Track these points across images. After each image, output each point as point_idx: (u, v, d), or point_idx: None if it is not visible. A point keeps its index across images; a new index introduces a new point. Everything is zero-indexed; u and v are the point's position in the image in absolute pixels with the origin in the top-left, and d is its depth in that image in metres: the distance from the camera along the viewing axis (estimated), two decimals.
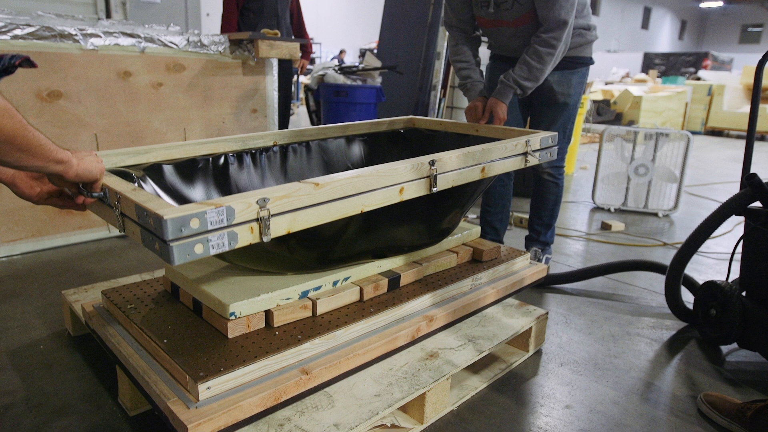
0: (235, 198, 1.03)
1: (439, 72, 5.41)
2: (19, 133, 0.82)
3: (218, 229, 0.99)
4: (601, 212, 3.90)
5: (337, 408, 1.26)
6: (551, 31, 1.98)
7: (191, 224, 0.95)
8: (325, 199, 1.16)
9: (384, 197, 1.28)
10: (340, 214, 1.20)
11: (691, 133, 3.79)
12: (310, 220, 1.15)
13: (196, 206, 0.97)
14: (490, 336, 1.64)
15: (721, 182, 5.24)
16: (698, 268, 2.80)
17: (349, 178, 1.20)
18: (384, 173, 1.27)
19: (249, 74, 3.17)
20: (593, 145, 7.14)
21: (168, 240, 0.93)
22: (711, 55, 17.67)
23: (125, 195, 1.04)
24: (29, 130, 0.85)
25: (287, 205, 1.09)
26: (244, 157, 1.76)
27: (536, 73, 2.04)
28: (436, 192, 1.40)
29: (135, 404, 1.42)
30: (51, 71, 2.48)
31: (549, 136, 1.81)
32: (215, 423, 1.07)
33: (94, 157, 1.05)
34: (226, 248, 1.01)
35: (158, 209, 0.95)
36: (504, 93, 2.10)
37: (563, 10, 1.95)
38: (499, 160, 1.61)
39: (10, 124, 0.80)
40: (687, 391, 1.68)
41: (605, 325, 2.10)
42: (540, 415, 1.52)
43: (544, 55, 2.00)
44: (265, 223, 1.06)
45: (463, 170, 1.48)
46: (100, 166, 1.05)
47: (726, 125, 9.59)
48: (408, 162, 1.34)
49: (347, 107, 5.15)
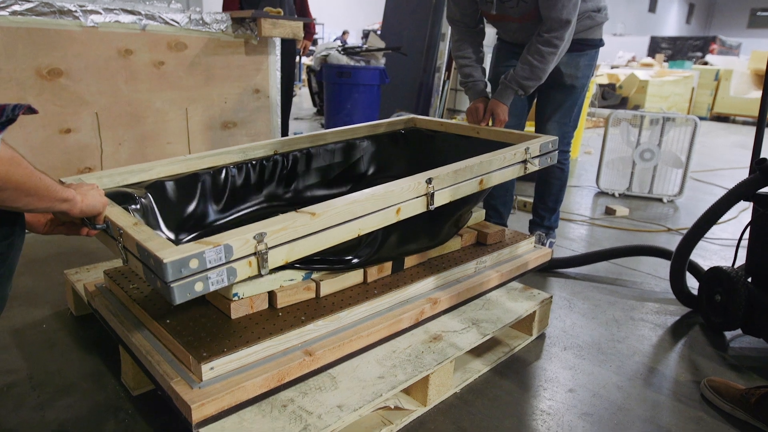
0: (233, 235, 1.04)
1: (444, 53, 5.35)
2: (27, 179, 0.85)
3: (217, 267, 1.01)
4: (606, 197, 3.88)
5: (341, 389, 1.26)
6: (553, 31, 1.95)
7: (190, 264, 0.96)
8: (322, 227, 1.17)
9: (381, 219, 1.29)
10: (336, 241, 1.21)
11: (698, 118, 3.75)
12: (308, 249, 1.16)
13: (194, 246, 0.99)
14: (494, 319, 1.63)
15: (727, 168, 5.20)
16: (703, 254, 2.78)
17: (346, 204, 1.20)
18: (380, 196, 1.27)
19: (251, 54, 3.13)
20: (598, 130, 7.09)
21: (168, 282, 0.95)
22: (719, 39, 17.43)
23: (126, 231, 1.06)
24: (36, 174, 0.88)
25: (284, 236, 1.10)
26: (245, 168, 1.77)
27: (538, 73, 2.02)
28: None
29: (138, 384, 1.42)
30: (51, 49, 2.44)
31: (549, 141, 1.80)
32: (219, 403, 1.07)
33: (96, 191, 1.10)
34: (225, 284, 1.03)
35: (158, 251, 0.96)
36: (505, 94, 2.09)
37: (566, 9, 1.91)
38: (498, 170, 1.60)
39: (18, 172, 0.83)
40: (690, 377, 1.67)
41: (609, 309, 2.09)
42: (543, 398, 1.52)
43: (546, 54, 1.98)
44: (262, 257, 1.07)
45: (460, 185, 1.48)
46: (102, 200, 1.10)
47: (732, 111, 9.50)
48: (405, 182, 1.33)
49: (350, 89, 5.10)
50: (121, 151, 2.77)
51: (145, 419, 1.34)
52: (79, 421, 1.32)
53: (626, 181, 3.93)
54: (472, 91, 2.21)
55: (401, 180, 1.34)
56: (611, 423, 1.43)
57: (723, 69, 9.63)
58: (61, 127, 2.55)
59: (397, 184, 1.32)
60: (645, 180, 3.91)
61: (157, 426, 1.31)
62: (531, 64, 2.00)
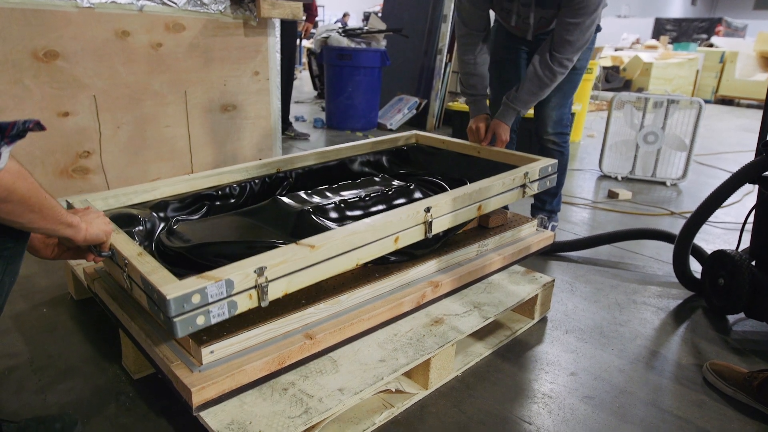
0: (234, 269, 1.05)
1: (446, 35, 5.28)
2: (32, 194, 0.87)
3: (218, 301, 1.03)
4: (608, 180, 3.85)
5: (342, 373, 1.25)
6: (567, 53, 1.94)
7: (193, 300, 0.99)
8: (321, 259, 1.18)
9: (379, 249, 1.31)
10: (335, 271, 1.22)
11: (703, 101, 3.70)
12: (307, 280, 1.17)
13: (197, 281, 1.00)
14: (496, 303, 1.62)
15: (731, 151, 5.16)
16: (706, 238, 2.76)
17: (345, 236, 1.21)
18: (379, 226, 1.28)
19: (251, 35, 3.08)
20: (601, 113, 7.02)
21: (171, 317, 0.97)
22: (725, 21, 17.19)
23: (131, 262, 1.08)
24: (42, 192, 0.89)
25: (284, 269, 1.11)
26: (248, 186, 1.78)
27: (545, 91, 2.03)
28: None
29: (139, 368, 1.42)
30: (46, 30, 2.40)
31: (549, 165, 1.82)
32: (219, 387, 1.07)
33: (101, 219, 1.11)
34: (226, 317, 1.05)
35: (162, 286, 0.98)
36: (507, 115, 2.08)
37: (583, 37, 1.91)
38: (497, 196, 1.62)
39: (24, 186, 0.84)
40: (693, 360, 1.67)
41: (611, 293, 2.08)
42: (545, 381, 1.51)
43: (558, 74, 1.98)
44: (262, 290, 1.08)
45: (459, 212, 1.49)
46: (107, 228, 1.11)
47: (737, 94, 9.39)
48: (403, 212, 1.35)
49: (351, 71, 5.05)
50: (120, 134, 2.74)
51: (146, 402, 1.34)
52: (81, 404, 1.32)
53: (629, 164, 3.90)
54: (474, 107, 2.18)
55: (400, 209, 1.37)
56: (613, 406, 1.43)
57: (728, 51, 9.51)
58: (59, 110, 2.53)
59: (396, 213, 1.34)
60: (648, 163, 3.88)
61: (157, 409, 1.31)
62: (541, 82, 1.99)
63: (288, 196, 1.70)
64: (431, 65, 5.44)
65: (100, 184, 2.73)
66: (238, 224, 1.61)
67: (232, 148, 3.21)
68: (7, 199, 0.83)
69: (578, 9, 1.84)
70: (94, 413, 1.29)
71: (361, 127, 5.29)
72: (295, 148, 4.36)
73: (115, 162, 2.76)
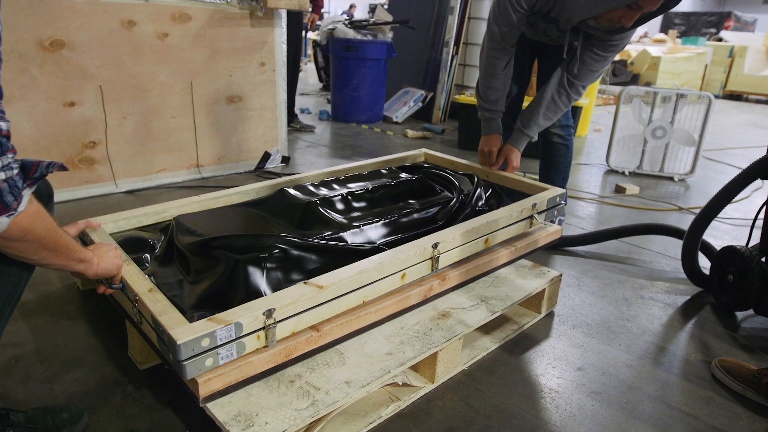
0: (243, 311, 1.07)
1: (452, 28, 5.23)
2: (48, 234, 0.91)
3: (227, 343, 1.04)
4: (615, 175, 3.83)
5: (349, 366, 1.25)
6: (586, 81, 1.96)
7: (202, 343, 1.00)
8: (329, 299, 1.19)
9: (386, 286, 1.31)
10: (342, 310, 1.24)
11: (713, 96, 3.66)
12: (314, 319, 1.19)
13: (206, 325, 1.02)
14: (503, 297, 1.61)
15: (739, 147, 5.11)
16: (714, 234, 2.74)
17: (353, 275, 1.23)
18: (387, 264, 1.29)
19: (257, 26, 3.06)
20: (608, 107, 6.97)
21: (181, 360, 0.98)
22: (734, 15, 17.01)
23: (142, 299, 1.11)
24: (58, 231, 0.93)
25: (292, 310, 1.13)
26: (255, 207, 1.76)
27: (558, 115, 2.05)
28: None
29: (145, 358, 1.42)
30: (53, 19, 2.39)
31: (557, 195, 1.82)
32: (226, 378, 1.06)
33: (113, 253, 1.15)
34: (234, 357, 1.06)
35: (172, 329, 0.99)
36: (521, 141, 2.08)
37: (604, 69, 1.95)
38: (504, 228, 1.63)
39: (41, 226, 0.88)
40: (701, 357, 1.66)
41: (618, 288, 2.07)
42: (552, 376, 1.51)
43: (573, 100, 2.02)
44: (271, 330, 1.09)
45: (465, 245, 1.50)
46: (117, 262, 1.15)
47: (746, 89, 9.30)
48: (411, 248, 1.36)
49: (357, 63, 5.02)
50: (126, 124, 2.74)
51: (153, 393, 1.34)
52: (87, 394, 1.32)
53: (637, 159, 3.87)
54: (487, 125, 2.15)
55: (408, 245, 1.38)
56: (621, 402, 1.42)
57: (738, 45, 9.41)
58: (65, 100, 2.52)
59: (404, 250, 1.35)
60: (656, 158, 3.84)
61: (164, 400, 1.31)
62: (557, 107, 2.01)
63: (295, 188, 1.69)
64: (438, 57, 5.40)
65: (106, 175, 2.73)
66: (245, 216, 1.60)
67: (238, 139, 3.20)
68: (23, 239, 0.86)
69: (610, 45, 1.87)
70: (100, 403, 1.29)
71: (367, 120, 5.26)
72: (300, 140, 4.35)
73: (120, 153, 2.76)
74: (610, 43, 1.86)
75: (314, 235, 1.43)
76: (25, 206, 0.83)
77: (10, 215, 0.82)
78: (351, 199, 1.66)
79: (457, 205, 1.70)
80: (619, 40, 1.86)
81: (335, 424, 1.23)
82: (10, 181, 0.80)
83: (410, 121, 5.39)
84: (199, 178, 3.07)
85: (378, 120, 5.37)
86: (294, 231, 1.49)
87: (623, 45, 1.89)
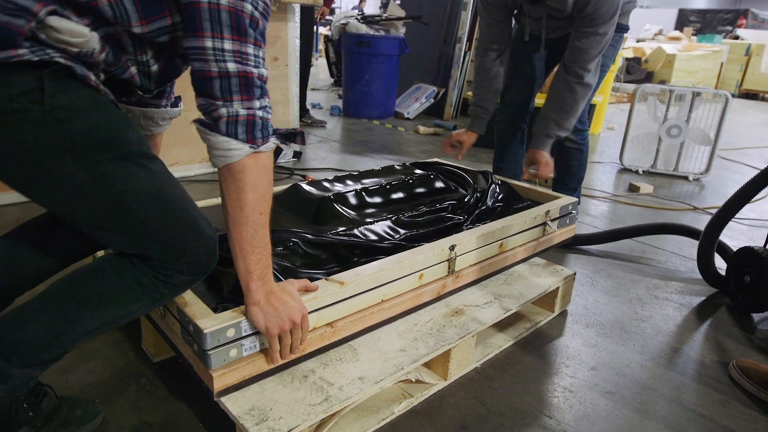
0: None
1: (465, 24, 5.20)
2: (260, 196, 0.97)
3: (251, 335, 1.06)
4: (629, 174, 3.79)
5: (362, 362, 1.24)
6: (580, 62, 1.90)
7: (227, 334, 1.01)
8: (350, 295, 1.20)
9: (405, 285, 1.33)
10: (362, 307, 1.25)
11: (729, 94, 3.61)
12: (335, 314, 1.19)
13: (232, 315, 1.03)
14: (517, 294, 1.60)
15: (755, 147, 5.04)
16: (730, 234, 2.71)
17: (374, 272, 1.24)
18: (406, 264, 1.31)
19: (270, 20, 3.05)
20: (622, 105, 6.90)
21: (206, 350, 1.00)
22: (751, 12, 16.75)
23: None
24: (268, 209, 1.00)
25: (314, 305, 1.13)
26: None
27: (566, 105, 1.98)
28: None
29: (158, 351, 1.42)
30: None
31: (570, 203, 1.80)
32: (240, 372, 1.06)
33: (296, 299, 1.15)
34: (257, 349, 1.08)
35: (198, 319, 1.01)
36: (539, 141, 2.04)
37: (597, 47, 1.88)
38: (518, 234, 1.63)
39: (263, 179, 0.96)
40: (716, 358, 1.64)
41: (632, 288, 2.05)
42: (565, 375, 1.49)
43: (574, 85, 1.94)
44: None
45: (481, 249, 1.51)
46: (295, 314, 1.14)
47: (763, 88, 9.18)
48: (429, 249, 1.37)
49: (369, 58, 5.00)
50: None
51: (166, 386, 1.34)
52: (101, 386, 1.33)
53: (651, 157, 3.83)
54: (471, 122, 2.18)
55: (425, 246, 1.39)
56: (635, 402, 1.40)
57: (755, 44, 9.28)
58: None
59: (422, 251, 1.36)
60: (671, 157, 3.80)
61: (177, 393, 1.32)
62: (561, 96, 1.97)
63: (309, 184, 1.69)
64: (450, 54, 5.38)
65: None
66: None
67: None
68: (240, 179, 0.92)
69: (591, 19, 1.82)
70: (114, 395, 1.30)
71: (378, 116, 5.25)
72: (311, 135, 4.35)
73: None
74: (589, 17, 1.80)
75: (328, 231, 1.43)
76: (266, 149, 0.90)
77: (252, 147, 0.88)
78: (365, 195, 1.66)
79: (472, 201, 1.69)
80: (598, 12, 1.78)
81: (348, 419, 1.23)
82: (264, 121, 0.88)
83: (422, 118, 5.38)
84: (212, 172, 3.08)
85: (389, 116, 5.36)
86: (308, 226, 1.48)
87: (606, 17, 1.79)
